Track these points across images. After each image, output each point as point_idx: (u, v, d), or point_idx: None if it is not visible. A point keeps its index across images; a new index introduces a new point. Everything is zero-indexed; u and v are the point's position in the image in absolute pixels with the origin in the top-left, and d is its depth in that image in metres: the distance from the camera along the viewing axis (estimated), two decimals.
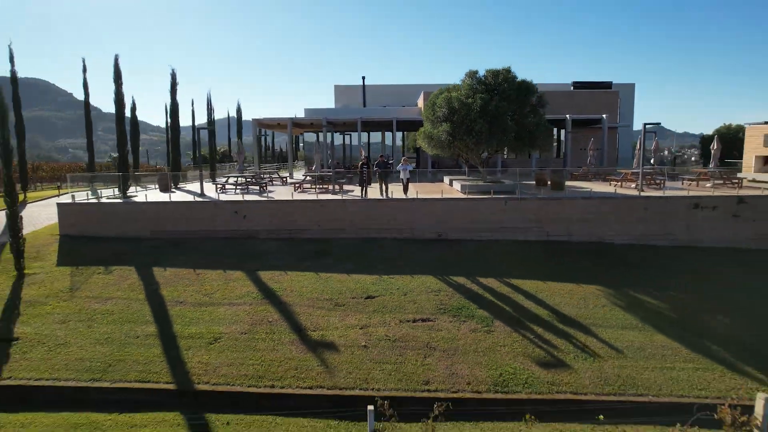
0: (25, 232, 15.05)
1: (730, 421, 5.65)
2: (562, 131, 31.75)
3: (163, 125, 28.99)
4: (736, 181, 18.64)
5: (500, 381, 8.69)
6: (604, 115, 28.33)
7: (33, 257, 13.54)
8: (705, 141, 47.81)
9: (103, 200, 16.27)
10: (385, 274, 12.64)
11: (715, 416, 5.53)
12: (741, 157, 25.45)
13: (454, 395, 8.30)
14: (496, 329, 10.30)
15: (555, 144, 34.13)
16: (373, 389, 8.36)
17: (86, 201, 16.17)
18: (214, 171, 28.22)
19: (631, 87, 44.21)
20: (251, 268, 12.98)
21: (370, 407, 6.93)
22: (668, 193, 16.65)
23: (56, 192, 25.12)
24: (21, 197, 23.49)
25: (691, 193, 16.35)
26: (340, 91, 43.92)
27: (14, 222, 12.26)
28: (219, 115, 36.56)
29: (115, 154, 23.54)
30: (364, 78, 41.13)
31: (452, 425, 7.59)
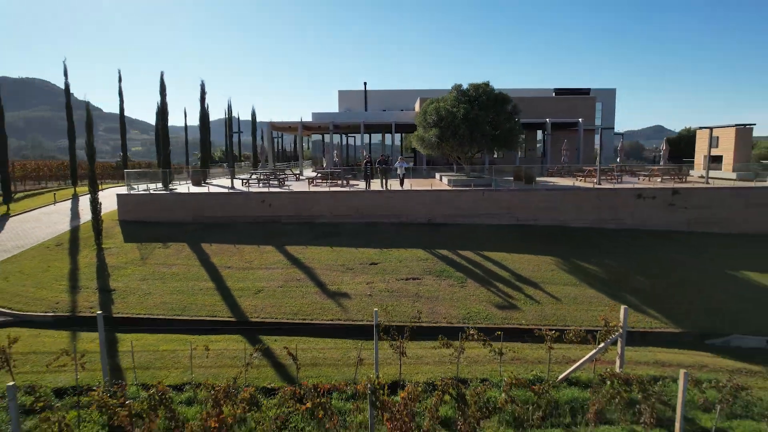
0: (87, 219, 18.39)
1: (604, 324, 9.00)
2: (545, 133, 34.93)
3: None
4: (680, 176, 21.92)
5: (467, 317, 11.96)
6: (579, 119, 31.51)
7: (104, 236, 16.82)
8: (671, 142, 50.93)
9: (153, 192, 19.56)
10: (385, 248, 15.92)
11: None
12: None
13: (434, 324, 11.57)
14: (468, 285, 13.58)
15: (540, 144, 37.40)
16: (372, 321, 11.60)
17: (140, 192, 19.46)
18: (233, 168, 31.45)
19: (612, 92, 47.49)
20: (279, 244, 16.27)
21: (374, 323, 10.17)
22: (618, 186, 19.93)
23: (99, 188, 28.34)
24: (73, 191, 26.80)
25: (637, 186, 19.64)
26: (344, 95, 47.22)
27: (95, 207, 15.53)
28: (216, 115, 38.85)
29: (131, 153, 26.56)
30: (365, 84, 44.40)
31: (419, 342, 10.86)
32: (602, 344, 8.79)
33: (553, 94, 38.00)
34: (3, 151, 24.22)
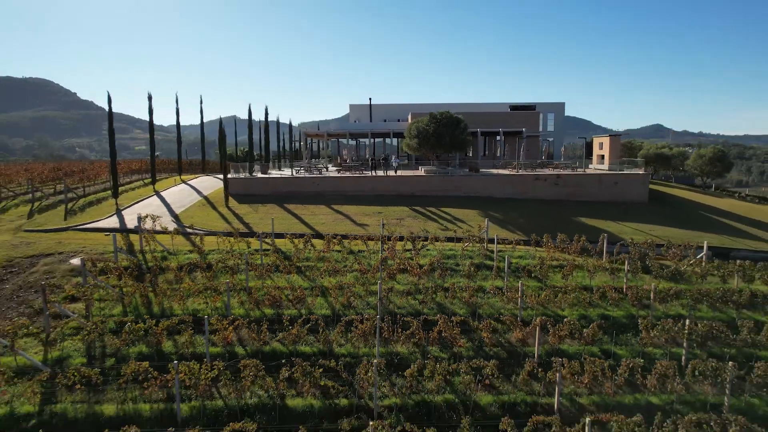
0: (207, 193, 30.35)
1: (478, 231, 21.03)
2: (498, 139, 46.78)
3: (166, 124, 43.61)
4: (572, 168, 33.77)
5: (424, 232, 23.87)
6: (523, 129, 43.33)
7: (224, 202, 28.71)
8: (588, 145, 62.46)
9: (247, 177, 31.49)
10: (385, 206, 27.86)
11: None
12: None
13: (407, 235, 23.47)
14: (429, 222, 25.50)
15: (504, 147, 49.14)
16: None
17: (239, 176, 31.39)
18: (268, 162, 43.45)
19: (561, 105, 59.30)
20: (326, 204, 28.21)
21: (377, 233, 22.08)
22: (525, 173, 31.83)
23: (182, 177, 40.26)
24: (175, 180, 38.59)
25: (537, 173, 31.56)
26: (354, 108, 59.13)
27: (225, 182, 27.39)
28: (225, 113, 48.40)
29: (159, 152, 38.47)
30: (371, 99, 56.34)
31: (401, 242, 22.77)
32: (478, 233, 20.75)
33: (509, 109, 49.83)
34: (113, 154, 35.96)
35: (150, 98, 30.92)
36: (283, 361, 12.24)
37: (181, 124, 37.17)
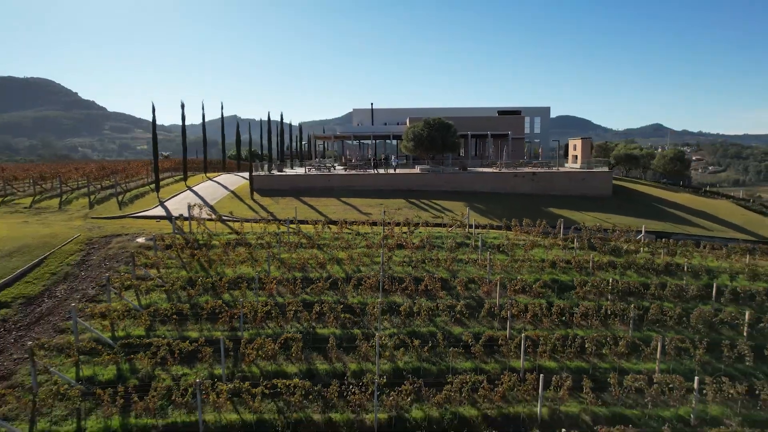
0: (233, 188, 34.92)
1: (461, 217, 25.64)
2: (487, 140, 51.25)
3: (167, 123, 47.48)
4: (548, 167, 38.28)
5: (416, 220, 28.41)
6: (509, 132, 47.83)
7: (249, 196, 33.25)
8: (566, 146, 66.91)
9: (269, 174, 36.03)
10: (386, 198, 32.42)
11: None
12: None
13: (404, 221, 28.03)
14: (422, 211, 30.05)
15: (494, 148, 53.62)
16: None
17: (261, 174, 35.95)
18: (284, 161, 48.00)
19: (546, 109, 63.79)
20: (336, 197, 32.75)
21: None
22: (505, 170, 36.35)
23: (209, 175, 44.79)
24: (202, 177, 43.14)
25: (515, 171, 36.08)
26: (357, 112, 63.67)
27: (251, 179, 31.94)
28: (225, 113, 46.78)
29: (167, 153, 43.09)
30: (372, 104, 60.87)
31: (399, 227, 27.30)
32: (460, 221, 25.32)
33: (497, 113, 54.34)
34: (155, 155, 40.46)
35: (183, 106, 35.43)
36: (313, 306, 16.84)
37: (179, 123, 41.26)
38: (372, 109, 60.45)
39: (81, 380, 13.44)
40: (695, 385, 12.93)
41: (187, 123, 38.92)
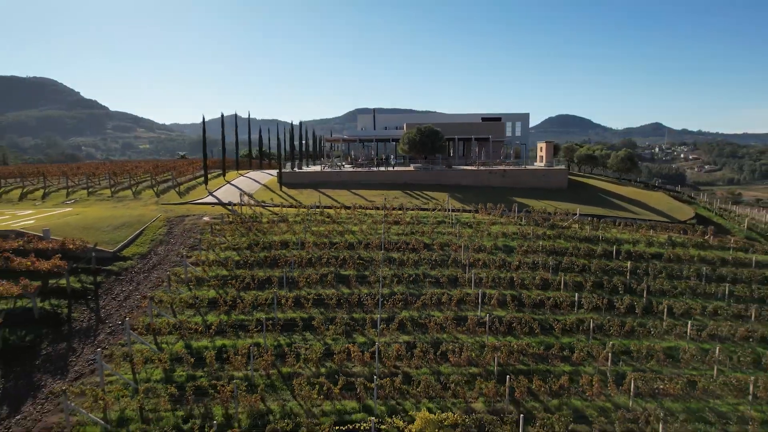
0: (263, 182, 42.65)
1: (443, 203, 33.35)
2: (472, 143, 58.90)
3: (169, 122, 54.56)
4: (518, 166, 45.87)
5: (408, 206, 36.07)
6: (489, 136, 55.38)
7: (278, 189, 40.91)
8: (556, 146, 74.18)
9: (293, 171, 43.72)
10: (386, 191, 40.10)
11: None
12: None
13: (397, 205, 35.71)
14: (414, 200, 37.71)
15: (479, 151, 61.22)
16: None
17: (288, 171, 43.64)
18: (301, 160, 55.68)
19: (526, 115, 71.29)
20: (347, 189, 40.43)
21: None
22: (482, 168, 44.02)
23: (240, 172, 52.43)
24: (236, 173, 50.77)
25: (491, 168, 43.72)
26: (361, 117, 71.32)
27: (280, 173, 39.58)
28: (226, 112, 54.79)
29: (183, 152, 50.78)
30: (374, 111, 68.51)
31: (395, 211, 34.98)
32: (442, 206, 33.04)
33: (481, 120, 61.95)
34: (205, 155, 48.10)
35: (222, 116, 43.00)
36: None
37: (181, 122, 51.23)
38: (374, 115, 68.04)
39: (197, 297, 21.15)
40: (578, 298, 20.64)
41: (187, 122, 47.44)
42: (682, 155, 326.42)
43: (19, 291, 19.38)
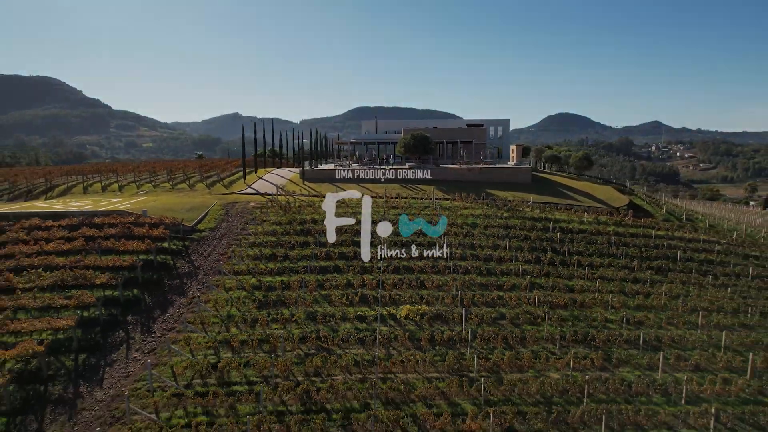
0: (288, 177, 51.96)
1: (429, 193, 42.67)
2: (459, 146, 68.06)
3: (171, 121, 63.43)
4: (493, 164, 55.05)
5: (403, 195, 45.26)
6: (472, 139, 64.42)
7: (300, 182, 50.10)
8: (526, 148, 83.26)
9: (311, 168, 52.97)
10: (386, 184, 49.32)
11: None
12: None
13: (399, 195, 44.91)
14: (408, 191, 46.93)
15: (462, 151, 70.29)
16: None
17: (308, 168, 52.89)
18: (317, 160, 64.88)
19: (506, 121, 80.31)
20: (357, 182, 49.63)
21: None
22: (464, 166, 53.23)
23: (266, 170, 61.66)
24: (264, 171, 60.01)
25: (470, 166, 52.92)
26: (365, 123, 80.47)
27: (302, 170, 48.75)
28: (226, 111, 63.67)
29: (200, 152, 60.10)
30: (376, 117, 77.71)
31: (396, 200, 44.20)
32: (428, 196, 42.32)
33: (466, 125, 71.07)
34: (243, 154, 57.35)
35: (255, 125, 52.15)
36: None
37: (181, 121, 59.59)
38: (376, 122, 77.19)
39: (260, 252, 30.37)
40: (515, 255, 29.91)
41: (188, 120, 56.69)
42: (678, 153, 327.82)
43: (145, 247, 28.74)
